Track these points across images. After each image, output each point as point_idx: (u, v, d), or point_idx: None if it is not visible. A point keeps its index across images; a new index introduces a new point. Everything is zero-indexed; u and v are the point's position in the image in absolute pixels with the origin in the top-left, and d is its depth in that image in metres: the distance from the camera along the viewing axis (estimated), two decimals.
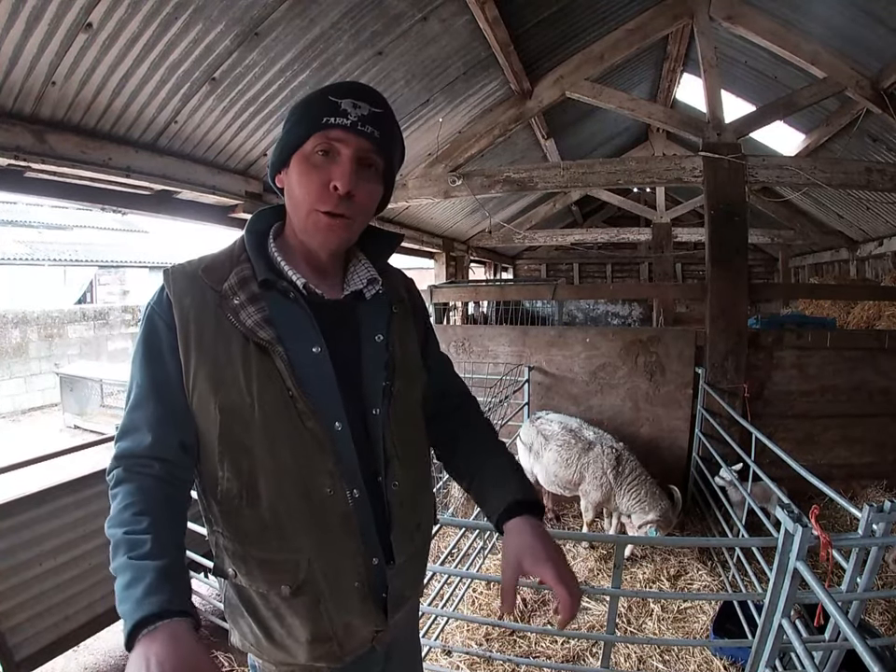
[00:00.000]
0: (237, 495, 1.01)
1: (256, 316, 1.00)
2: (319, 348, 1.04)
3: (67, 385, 9.31)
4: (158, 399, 1.00)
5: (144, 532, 0.89)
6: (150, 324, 1.02)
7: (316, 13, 3.04)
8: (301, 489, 1.01)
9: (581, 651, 2.97)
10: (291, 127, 1.04)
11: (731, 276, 4.51)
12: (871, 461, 4.61)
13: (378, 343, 1.12)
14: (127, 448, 0.99)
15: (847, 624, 1.32)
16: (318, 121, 0.99)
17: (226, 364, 1.00)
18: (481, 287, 8.42)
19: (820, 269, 11.13)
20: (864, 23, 4.21)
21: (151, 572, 0.84)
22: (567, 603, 0.99)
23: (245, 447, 1.00)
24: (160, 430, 0.99)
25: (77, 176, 3.03)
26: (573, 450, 4.02)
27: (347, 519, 1.03)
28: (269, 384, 1.00)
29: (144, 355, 1.02)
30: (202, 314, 1.01)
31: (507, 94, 5.12)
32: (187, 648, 0.79)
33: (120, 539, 0.89)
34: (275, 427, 1.00)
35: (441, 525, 2.97)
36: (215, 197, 3.87)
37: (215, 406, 0.99)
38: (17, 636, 2.51)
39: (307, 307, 1.05)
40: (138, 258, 17.42)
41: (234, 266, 1.05)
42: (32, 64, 2.41)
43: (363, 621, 1.08)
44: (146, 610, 0.80)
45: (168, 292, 1.02)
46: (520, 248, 14.44)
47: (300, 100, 1.06)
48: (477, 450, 1.27)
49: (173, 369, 1.00)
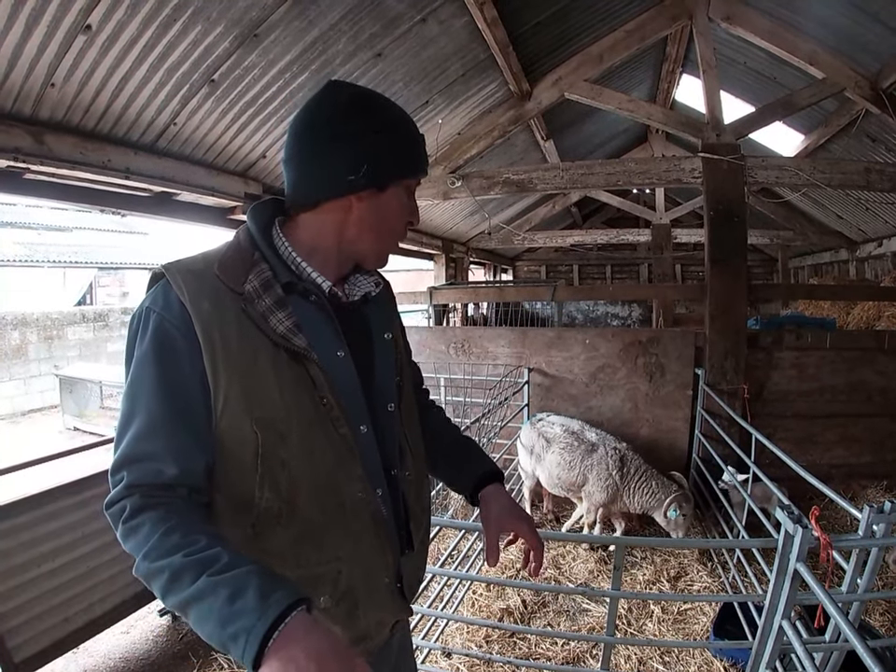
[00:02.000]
0: (276, 514, 0.94)
1: (287, 322, 0.95)
2: (343, 352, 1.03)
3: (67, 386, 9.30)
4: (181, 426, 0.89)
5: (208, 548, 0.79)
6: (161, 334, 0.90)
7: (315, 14, 3.04)
8: (337, 497, 0.99)
9: (581, 652, 2.96)
10: (402, 153, 1.04)
11: (730, 277, 4.52)
12: (870, 461, 4.62)
13: (387, 341, 1.14)
14: (142, 478, 0.87)
15: (847, 625, 1.32)
16: (424, 166, 1.09)
17: (258, 376, 0.92)
18: (480, 288, 8.43)
19: (820, 269, 11.14)
20: (863, 23, 4.22)
21: (252, 576, 0.75)
22: (539, 551, 1.18)
23: (283, 461, 0.93)
24: (184, 460, 0.89)
25: (77, 178, 3.03)
26: (576, 452, 4.02)
27: (377, 519, 1.04)
28: (302, 392, 0.96)
29: (156, 371, 0.89)
30: (223, 319, 0.92)
31: (506, 96, 5.13)
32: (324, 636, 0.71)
33: (182, 564, 0.77)
34: (312, 437, 0.96)
35: (441, 527, 2.98)
36: (214, 199, 3.86)
37: (252, 423, 0.91)
38: (16, 637, 2.50)
39: (331, 310, 1.03)
40: (137, 259, 17.39)
41: (249, 265, 0.98)
42: (31, 66, 2.40)
43: (392, 614, 1.11)
44: (274, 612, 0.70)
45: (179, 294, 0.91)
46: (519, 250, 14.44)
47: (397, 117, 1.06)
48: (441, 432, 1.38)
49: (196, 387, 0.90)
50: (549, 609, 3.39)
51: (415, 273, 15.41)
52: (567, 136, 7.67)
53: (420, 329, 5.92)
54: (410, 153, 1.05)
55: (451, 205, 7.42)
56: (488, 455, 1.36)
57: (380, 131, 1.00)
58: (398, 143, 1.03)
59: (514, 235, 9.85)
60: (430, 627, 2.98)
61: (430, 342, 5.44)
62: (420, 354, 5.24)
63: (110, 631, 3.04)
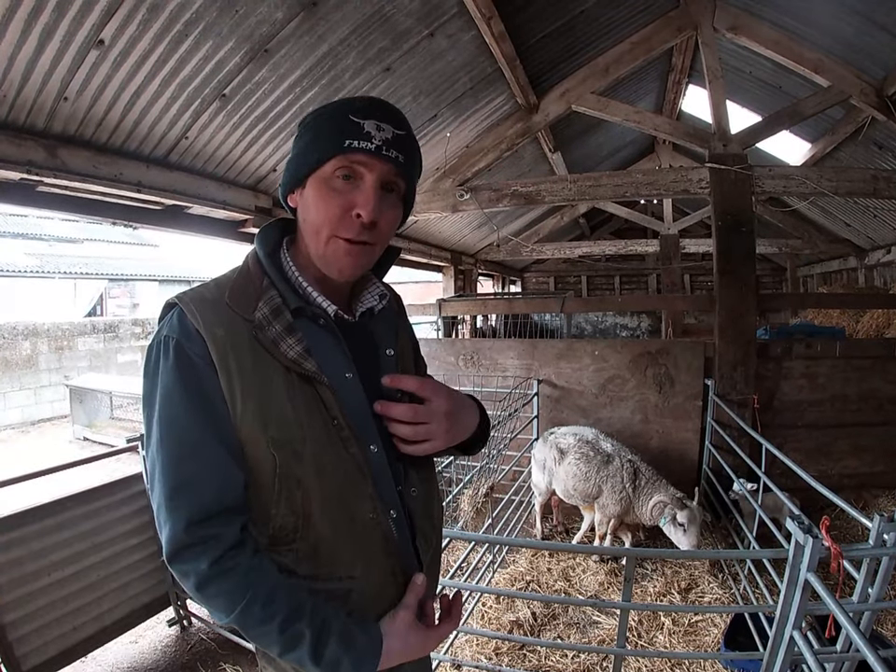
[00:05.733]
0: (293, 529, 0.96)
1: (297, 348, 0.96)
2: (351, 374, 1.03)
3: (77, 396, 9.38)
4: (218, 442, 0.91)
5: (300, 607, 0.91)
6: (183, 360, 0.92)
7: (325, 30, 3.08)
8: (348, 516, 0.99)
9: (591, 665, 2.94)
10: (308, 145, 0.98)
11: (739, 287, 4.51)
12: (882, 470, 4.58)
13: (389, 358, 1.11)
14: (193, 508, 0.89)
15: (858, 635, 1.31)
16: (340, 143, 0.93)
17: (272, 398, 0.94)
18: (489, 300, 8.42)
19: (829, 278, 11.08)
20: (868, 31, 4.22)
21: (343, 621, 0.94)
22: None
23: (298, 479, 0.95)
24: (227, 476, 0.91)
25: (89, 191, 3.06)
26: (592, 463, 4.00)
27: (388, 541, 1.03)
28: (314, 413, 0.97)
29: (185, 395, 0.91)
30: (238, 346, 0.93)
31: (513, 108, 5.16)
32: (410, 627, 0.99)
33: (293, 633, 0.89)
34: (323, 457, 0.97)
35: (451, 539, 2.97)
36: (225, 212, 3.90)
37: (268, 443, 0.93)
38: (25, 646, 2.52)
39: (339, 333, 1.03)
40: (148, 271, 17.59)
41: (259, 291, 0.99)
42: (44, 80, 2.44)
43: None
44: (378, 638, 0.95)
45: (194, 323, 0.93)
46: (528, 261, 14.46)
47: (314, 113, 1.00)
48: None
49: (222, 407, 0.92)
50: (559, 621, 3.37)
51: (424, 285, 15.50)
52: (574, 148, 7.70)
53: (429, 340, 5.93)
54: (319, 134, 0.97)
55: (459, 218, 7.45)
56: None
57: (300, 128, 1.02)
58: (307, 131, 1.00)
59: (523, 247, 9.86)
60: None
61: (440, 354, 5.45)
62: (429, 366, 5.13)
63: (119, 640, 3.05)
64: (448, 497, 3.60)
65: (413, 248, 7.14)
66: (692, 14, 4.69)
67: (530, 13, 4.06)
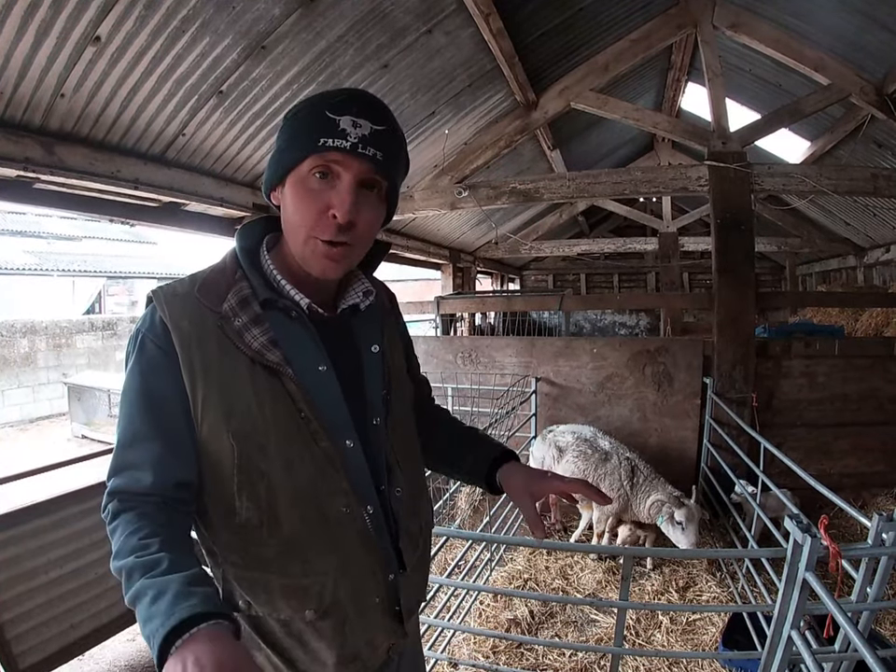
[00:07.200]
0: (259, 523, 0.96)
1: (262, 338, 0.96)
2: (325, 366, 1.02)
3: (75, 394, 9.38)
4: (158, 436, 0.93)
5: (157, 552, 0.83)
6: (144, 352, 0.95)
7: (322, 26, 3.07)
8: (319, 510, 0.99)
9: (589, 663, 2.94)
10: (285, 144, 0.97)
11: (738, 285, 4.50)
12: (882, 470, 4.57)
13: (374, 354, 1.11)
14: (122, 485, 0.92)
15: (857, 635, 1.30)
16: (314, 142, 0.92)
17: (235, 389, 0.95)
18: (487, 298, 8.42)
19: (828, 276, 11.09)
20: (868, 29, 4.22)
21: (175, 583, 0.77)
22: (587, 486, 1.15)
23: (262, 472, 0.95)
24: (160, 469, 0.92)
25: (86, 188, 3.06)
26: (590, 461, 4.00)
27: (365, 536, 1.02)
28: (280, 406, 0.97)
29: (139, 387, 0.94)
30: (203, 338, 0.95)
31: (512, 106, 5.15)
32: (226, 647, 0.70)
33: (132, 564, 0.82)
34: (290, 450, 0.97)
35: (448, 537, 2.96)
36: (222, 209, 3.89)
37: (228, 434, 0.94)
38: (22, 643, 2.52)
39: (311, 325, 1.03)
40: (146, 268, 17.56)
41: (231, 284, 1.00)
42: (41, 77, 2.43)
43: (385, 635, 1.08)
44: (178, 617, 0.71)
45: (162, 316, 0.95)
46: (527, 259, 14.42)
47: (295, 108, 0.98)
48: (450, 426, 1.38)
49: (176, 400, 0.94)
50: (556, 619, 3.37)
51: (423, 283, 15.45)
52: (573, 146, 7.69)
53: (427, 338, 5.91)
54: (295, 133, 0.96)
55: (458, 215, 7.44)
56: (494, 439, 1.36)
57: (283, 121, 1.01)
58: (285, 129, 0.99)
59: (521, 245, 9.84)
60: (437, 638, 2.96)
61: (438, 351, 5.43)
62: (427, 363, 5.23)
63: (116, 638, 3.04)
64: (445, 494, 3.60)
65: (411, 246, 7.12)
66: (691, 11, 4.68)
67: (529, 10, 4.05)
